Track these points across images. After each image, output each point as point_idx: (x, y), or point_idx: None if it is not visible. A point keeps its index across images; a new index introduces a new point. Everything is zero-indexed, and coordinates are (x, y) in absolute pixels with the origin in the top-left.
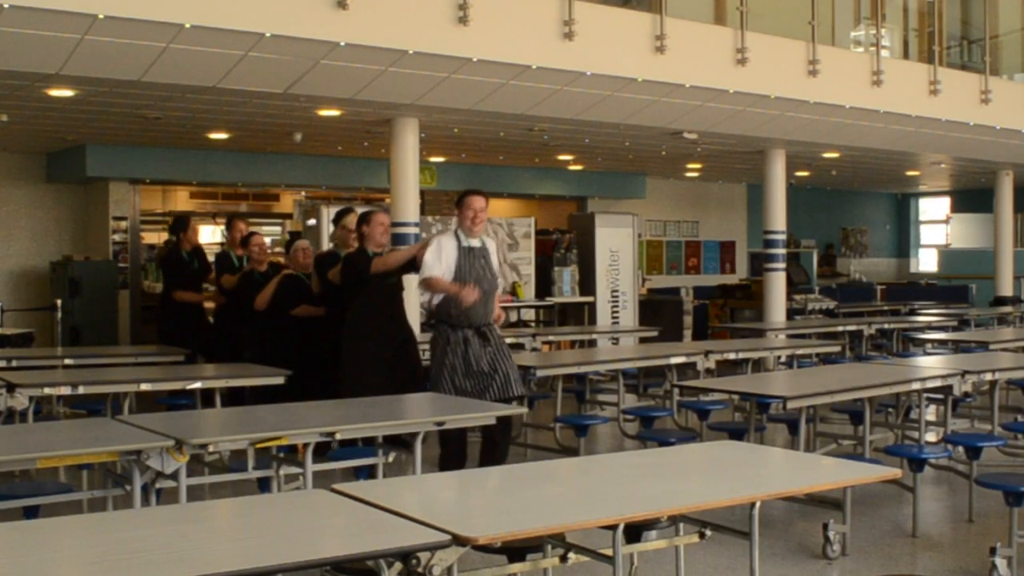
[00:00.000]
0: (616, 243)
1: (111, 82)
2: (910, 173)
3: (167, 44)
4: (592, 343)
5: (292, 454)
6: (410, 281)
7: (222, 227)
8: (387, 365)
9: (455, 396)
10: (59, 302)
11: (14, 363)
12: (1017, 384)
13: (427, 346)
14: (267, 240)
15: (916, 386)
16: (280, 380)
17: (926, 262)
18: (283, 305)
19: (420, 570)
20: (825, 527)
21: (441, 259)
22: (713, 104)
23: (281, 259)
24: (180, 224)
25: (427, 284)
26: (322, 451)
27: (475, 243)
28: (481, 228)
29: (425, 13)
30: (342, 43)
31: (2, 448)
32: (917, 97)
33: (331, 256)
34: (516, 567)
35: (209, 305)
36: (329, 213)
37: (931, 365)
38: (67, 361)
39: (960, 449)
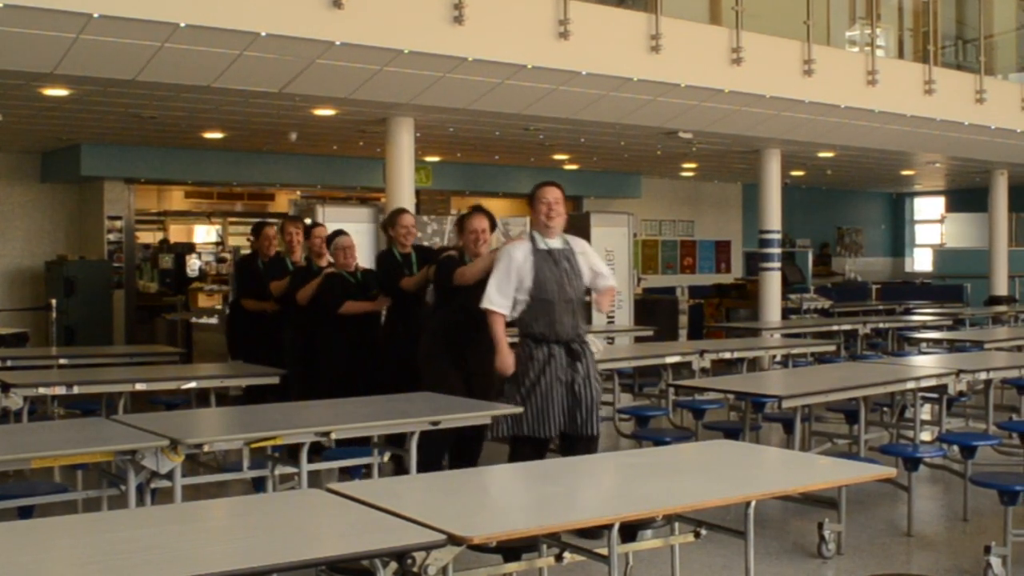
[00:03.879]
0: (612, 242)
1: (106, 81)
2: (905, 173)
3: (162, 43)
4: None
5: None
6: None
7: (217, 227)
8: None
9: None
10: (54, 302)
11: (9, 363)
12: (1012, 383)
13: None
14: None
15: (911, 385)
16: (275, 380)
17: (921, 262)
18: (328, 305)
19: (415, 570)
20: (820, 526)
21: (507, 287)
22: (708, 104)
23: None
24: (254, 230)
25: (487, 317)
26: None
27: (555, 243)
28: (560, 223)
29: (420, 12)
30: (337, 42)
31: None
32: (912, 97)
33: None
34: (511, 566)
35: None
36: (324, 213)
37: (926, 364)
38: (62, 361)
39: (955, 448)
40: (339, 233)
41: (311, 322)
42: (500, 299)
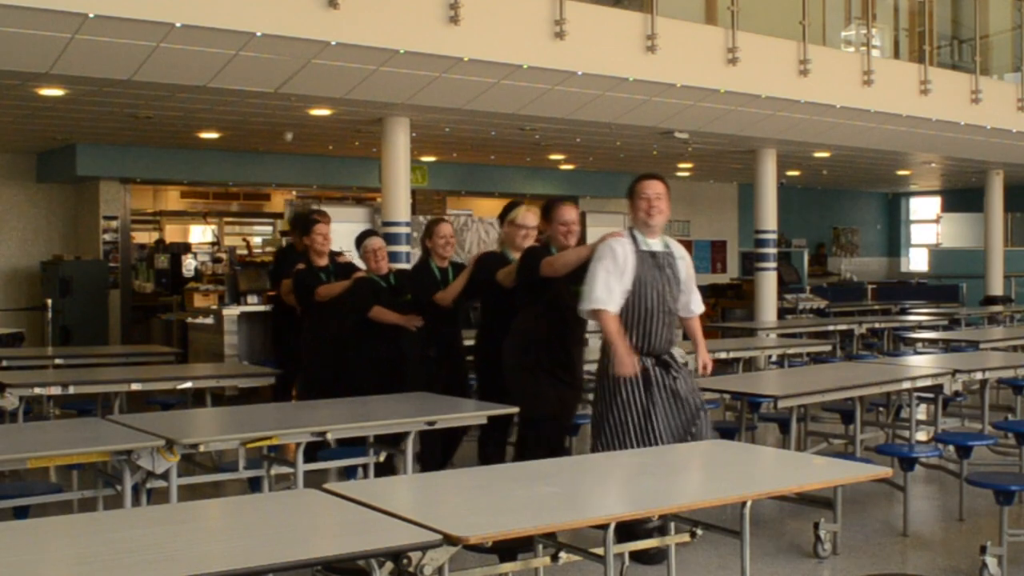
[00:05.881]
0: None
1: (102, 81)
2: (901, 173)
3: (158, 43)
4: (584, 342)
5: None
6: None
7: (213, 227)
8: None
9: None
10: (49, 302)
11: (4, 363)
12: (1007, 383)
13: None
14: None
15: (907, 385)
16: (270, 380)
17: (917, 262)
18: (355, 308)
19: (411, 570)
20: (816, 526)
21: (614, 284)
22: (704, 104)
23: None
24: (297, 224)
25: (595, 319)
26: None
27: (657, 246)
28: (661, 221)
29: (416, 12)
30: (333, 42)
31: None
32: (908, 97)
33: (497, 257)
34: (507, 566)
35: None
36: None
37: (922, 364)
38: (57, 361)
39: (951, 448)
40: (368, 234)
41: (329, 328)
42: (608, 296)
